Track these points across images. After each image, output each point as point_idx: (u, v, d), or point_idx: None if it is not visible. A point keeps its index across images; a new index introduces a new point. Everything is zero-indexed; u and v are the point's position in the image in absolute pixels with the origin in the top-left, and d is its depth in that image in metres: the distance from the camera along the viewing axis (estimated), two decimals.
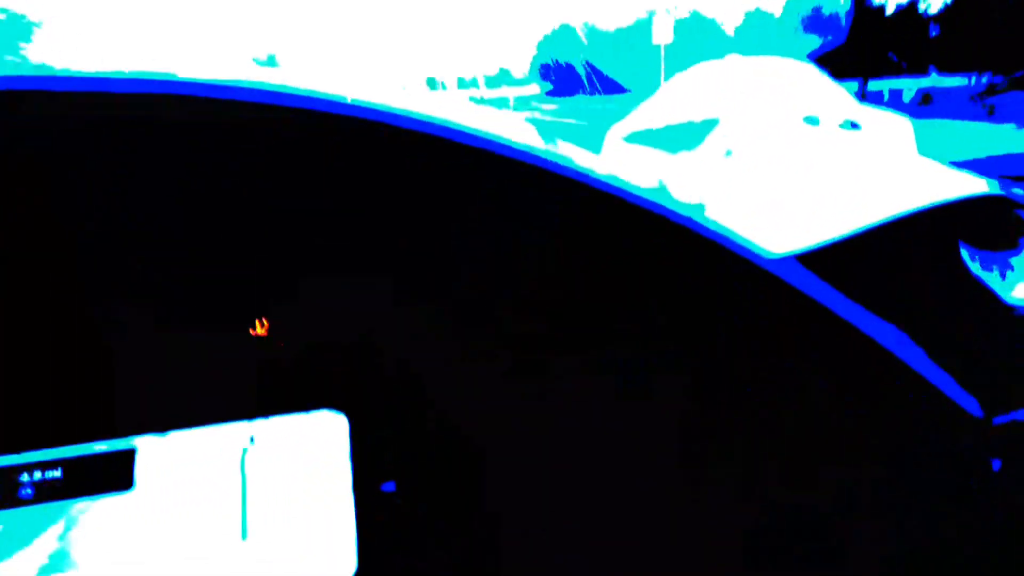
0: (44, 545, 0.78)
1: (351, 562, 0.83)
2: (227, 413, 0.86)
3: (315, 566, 0.82)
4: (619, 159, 1.10)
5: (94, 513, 0.80)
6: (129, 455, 0.82)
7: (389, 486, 0.87)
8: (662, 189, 1.03)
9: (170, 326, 0.87)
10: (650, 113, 5.59)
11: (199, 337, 0.88)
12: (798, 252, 1.05)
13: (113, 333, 0.85)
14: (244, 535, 0.81)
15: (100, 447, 0.82)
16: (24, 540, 0.78)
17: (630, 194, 0.95)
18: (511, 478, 0.92)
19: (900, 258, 1.11)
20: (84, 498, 0.80)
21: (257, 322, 0.90)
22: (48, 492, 0.79)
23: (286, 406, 0.88)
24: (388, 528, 0.86)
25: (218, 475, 0.83)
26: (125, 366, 0.85)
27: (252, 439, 0.85)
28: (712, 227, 0.97)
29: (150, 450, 0.83)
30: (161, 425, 0.84)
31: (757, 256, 0.96)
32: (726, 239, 0.96)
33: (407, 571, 0.86)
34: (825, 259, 1.11)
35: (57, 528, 0.79)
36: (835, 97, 5.31)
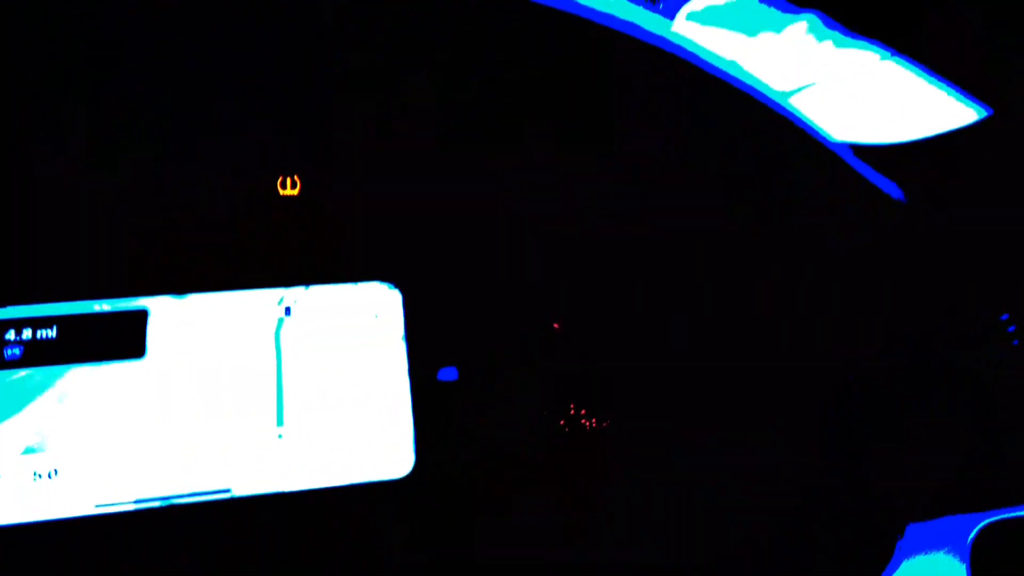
0: (31, 416, 0.62)
1: (408, 459, 0.67)
2: (259, 280, 0.70)
3: (364, 462, 0.66)
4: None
5: (95, 383, 0.64)
6: (140, 318, 0.66)
7: (449, 373, 0.71)
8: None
9: (195, 172, 0.72)
10: None
11: (228, 189, 0.73)
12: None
13: (129, 173, 0.70)
14: (280, 421, 0.65)
15: (104, 306, 0.66)
16: (7, 409, 0.62)
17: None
18: (581, 363, 0.77)
19: None
20: (83, 364, 0.64)
21: (289, 180, 0.75)
22: (39, 354, 0.64)
23: (330, 277, 0.72)
24: (448, 421, 0.70)
25: (247, 349, 0.67)
26: (141, 217, 0.70)
27: (289, 310, 0.69)
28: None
29: (165, 314, 0.67)
30: (180, 287, 0.68)
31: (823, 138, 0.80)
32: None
33: (469, 469, 0.70)
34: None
35: (48, 398, 0.63)
36: None
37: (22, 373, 0.63)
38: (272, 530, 0.63)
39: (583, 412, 0.77)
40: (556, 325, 0.79)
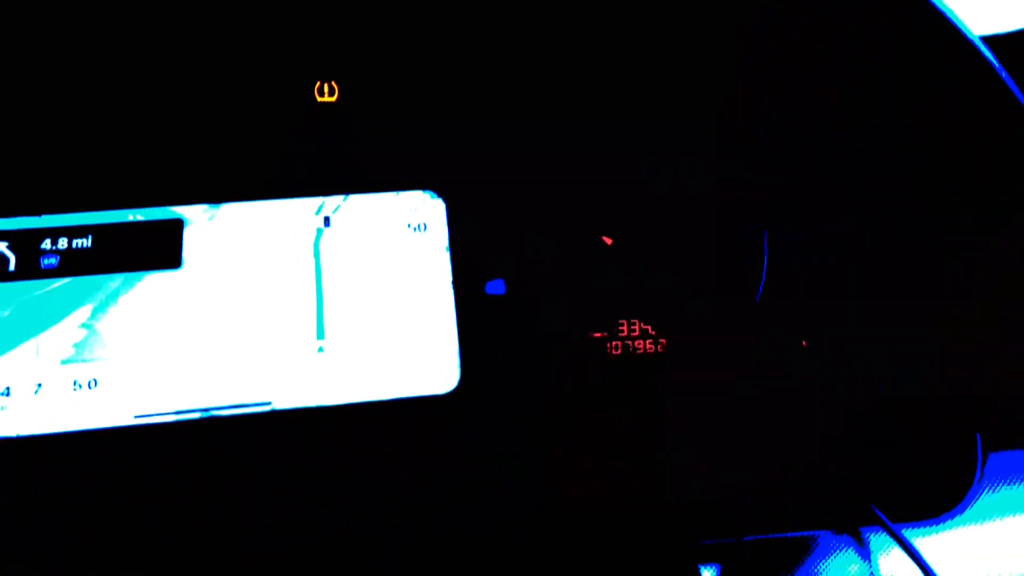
0: (70, 326, 0.60)
1: (453, 374, 0.64)
2: (297, 190, 0.67)
3: (408, 378, 0.62)
4: None
5: (132, 293, 0.62)
6: (176, 227, 0.64)
7: (496, 286, 0.67)
8: None
9: (230, 80, 0.68)
10: None
11: (264, 96, 0.69)
12: None
13: (163, 80, 0.67)
14: (320, 334, 0.62)
15: (139, 216, 0.64)
16: (46, 318, 0.60)
17: None
18: (634, 280, 0.72)
19: None
20: (120, 274, 0.62)
21: (327, 86, 0.70)
22: (76, 264, 0.62)
23: (370, 187, 0.68)
24: (495, 335, 0.66)
25: (286, 260, 0.64)
26: (174, 123, 0.67)
27: (328, 220, 0.66)
28: None
29: (201, 223, 0.65)
30: (216, 196, 0.65)
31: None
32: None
33: (514, 386, 0.66)
34: None
35: (86, 307, 0.61)
36: None
37: (60, 283, 0.61)
38: (313, 444, 0.61)
39: (635, 332, 0.72)
40: (608, 240, 0.74)
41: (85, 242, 0.62)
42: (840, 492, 0.65)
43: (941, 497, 0.67)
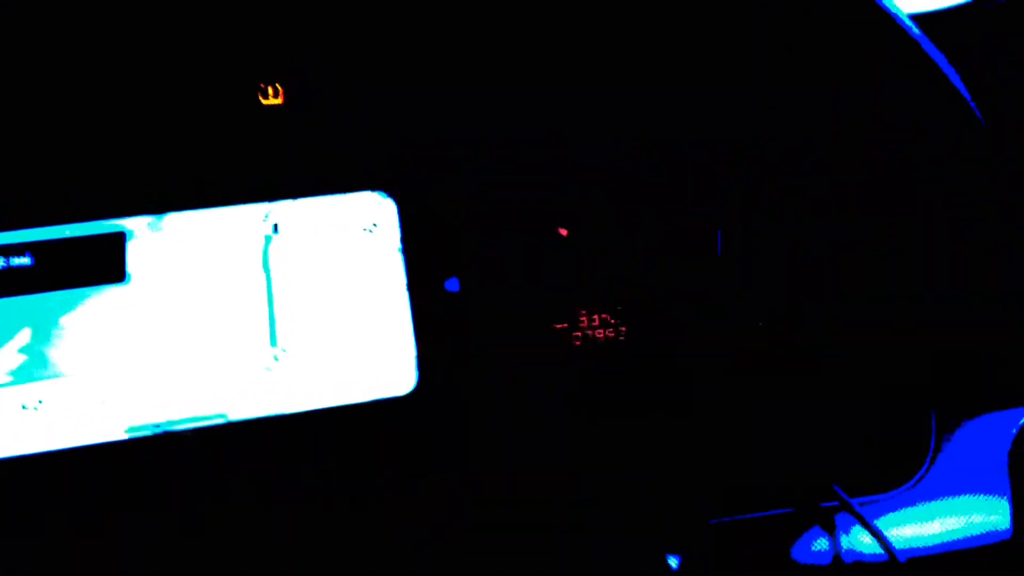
0: (12, 347, 0.59)
1: (410, 376, 0.63)
2: (244, 196, 0.66)
3: (364, 381, 0.62)
4: None
5: (76, 310, 0.60)
6: (118, 240, 0.62)
7: (452, 284, 0.66)
8: None
9: (170, 84, 0.66)
10: None
11: (206, 100, 0.67)
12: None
13: (100, 88, 0.65)
14: (273, 342, 0.61)
15: (78, 231, 0.62)
16: None
17: None
18: (591, 272, 0.72)
19: None
20: (63, 291, 0.60)
21: (271, 88, 0.69)
22: (16, 283, 0.60)
23: (319, 190, 0.67)
24: (452, 334, 0.66)
25: (235, 268, 0.63)
26: (113, 133, 0.65)
27: (276, 227, 0.65)
28: None
29: (145, 235, 0.63)
30: (159, 207, 0.64)
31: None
32: None
33: (474, 383, 0.66)
34: None
35: (28, 327, 0.59)
36: None
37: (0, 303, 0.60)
38: (271, 455, 0.60)
39: (595, 323, 0.72)
40: (564, 231, 0.74)
41: (25, 260, 0.61)
42: (802, 471, 0.66)
43: (898, 471, 0.68)
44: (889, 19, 0.60)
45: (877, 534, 0.62)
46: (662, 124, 0.75)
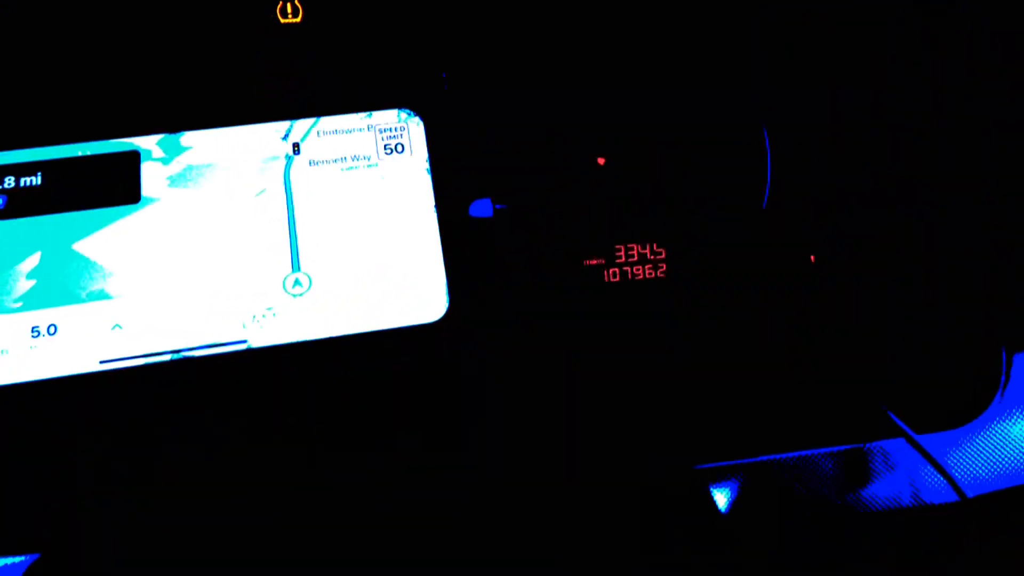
0: (24, 269, 0.56)
1: (441, 302, 0.59)
2: (262, 115, 0.62)
3: (392, 308, 0.58)
4: None
5: (90, 232, 0.57)
6: (132, 159, 0.59)
7: (482, 207, 0.62)
8: None
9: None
10: None
11: (222, 17, 0.64)
12: None
13: (108, 4, 0.61)
14: (296, 267, 0.58)
15: (89, 149, 0.59)
16: None
17: None
18: (630, 200, 0.67)
19: None
20: (75, 212, 0.57)
21: (289, 5, 0.65)
22: (26, 204, 0.57)
23: (341, 108, 0.63)
24: (483, 260, 0.62)
25: (254, 189, 0.59)
26: (126, 49, 0.62)
27: (297, 146, 0.61)
28: None
29: (160, 155, 0.60)
30: (173, 125, 0.60)
31: None
32: None
33: (506, 313, 0.61)
34: None
35: (41, 249, 0.56)
36: None
37: (9, 223, 0.56)
38: (293, 384, 0.57)
39: (633, 257, 0.68)
40: (601, 160, 0.69)
41: (35, 180, 0.57)
42: (858, 406, 0.61)
43: (963, 407, 0.63)
44: None
45: (940, 468, 0.58)
46: (720, 53, 0.70)
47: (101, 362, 0.55)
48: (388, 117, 0.63)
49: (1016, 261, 0.67)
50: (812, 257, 0.69)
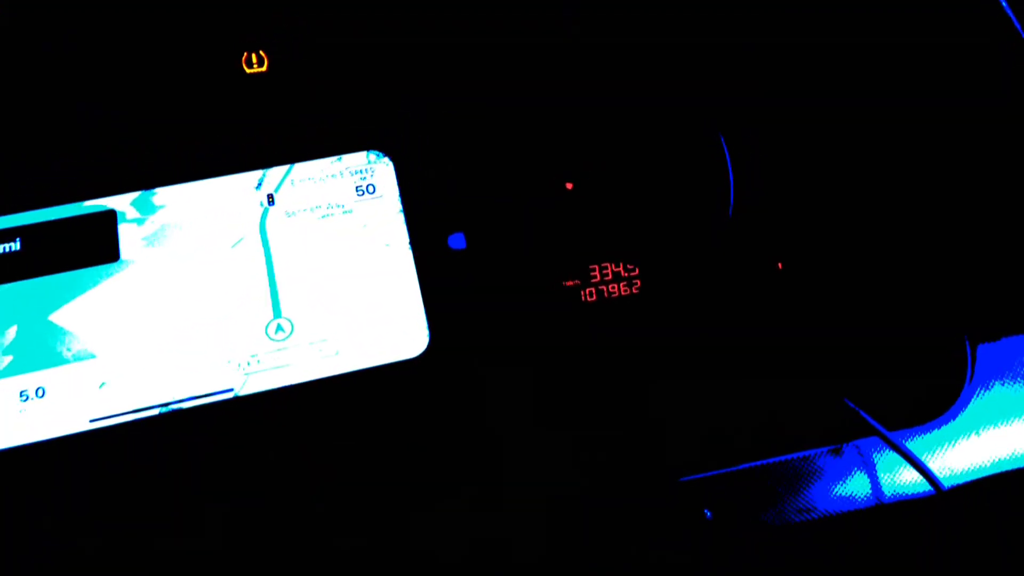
0: (8, 336, 0.57)
1: (422, 337, 0.61)
2: (234, 166, 0.63)
3: (374, 346, 0.60)
4: None
5: (72, 293, 0.58)
6: (109, 219, 0.60)
7: (457, 240, 0.64)
8: None
9: (148, 55, 0.64)
10: None
11: (187, 70, 0.65)
12: None
13: (78, 62, 0.62)
14: (277, 313, 0.59)
15: (66, 212, 0.60)
16: None
17: None
18: (601, 224, 0.69)
19: None
20: (55, 275, 0.58)
21: (254, 56, 0.66)
22: (6, 269, 0.58)
23: (311, 154, 0.65)
24: (461, 292, 0.64)
25: (231, 239, 0.61)
26: (94, 108, 0.63)
27: (271, 197, 0.62)
28: None
29: (135, 212, 0.61)
30: (146, 182, 0.62)
31: None
32: None
33: (488, 337, 0.63)
34: None
35: (24, 314, 0.57)
36: None
37: None
38: (282, 427, 0.58)
39: (608, 276, 0.70)
40: (569, 185, 0.71)
41: (14, 245, 0.58)
42: (832, 408, 0.63)
43: (933, 401, 0.65)
44: None
45: (915, 462, 0.60)
46: (670, 70, 0.72)
47: (91, 420, 0.56)
48: (358, 159, 0.64)
49: (975, 252, 0.70)
50: (779, 264, 0.71)
